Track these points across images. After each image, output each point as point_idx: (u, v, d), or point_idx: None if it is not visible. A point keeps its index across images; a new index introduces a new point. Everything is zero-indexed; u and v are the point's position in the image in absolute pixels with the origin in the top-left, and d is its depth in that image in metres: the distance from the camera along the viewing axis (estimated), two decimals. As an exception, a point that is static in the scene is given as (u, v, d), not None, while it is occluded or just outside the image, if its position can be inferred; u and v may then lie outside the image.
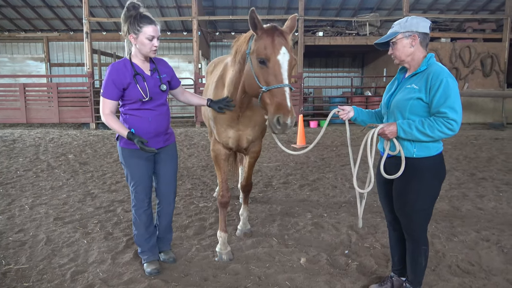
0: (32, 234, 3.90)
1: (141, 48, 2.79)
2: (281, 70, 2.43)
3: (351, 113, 2.66)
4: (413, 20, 2.35)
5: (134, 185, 3.02)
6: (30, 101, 13.45)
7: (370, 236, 3.83)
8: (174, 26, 17.58)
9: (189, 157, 8.13)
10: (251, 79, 2.53)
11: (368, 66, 18.54)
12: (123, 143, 2.95)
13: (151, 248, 3.16)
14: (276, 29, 2.51)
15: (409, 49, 2.36)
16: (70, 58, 17.95)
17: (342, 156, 8.15)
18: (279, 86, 2.39)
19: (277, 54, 2.43)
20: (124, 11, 2.76)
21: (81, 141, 10.40)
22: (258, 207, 4.76)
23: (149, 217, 3.13)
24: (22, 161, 7.71)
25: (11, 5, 15.58)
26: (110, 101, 2.81)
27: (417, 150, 2.35)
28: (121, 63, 2.85)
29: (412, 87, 2.33)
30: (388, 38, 2.39)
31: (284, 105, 2.36)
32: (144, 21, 2.72)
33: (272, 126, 2.40)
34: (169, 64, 3.15)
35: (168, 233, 3.37)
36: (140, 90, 2.81)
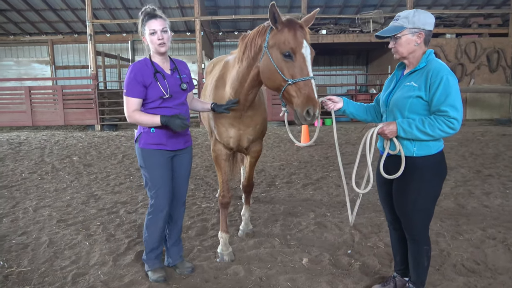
0: (35, 236, 3.91)
1: (151, 46, 2.78)
2: (306, 63, 2.43)
3: (339, 104, 2.60)
4: (420, 15, 2.26)
5: (154, 188, 2.89)
6: (35, 104, 13.55)
7: (373, 236, 3.79)
8: (178, 27, 17.61)
9: (193, 157, 8.09)
10: (272, 73, 2.51)
11: (372, 64, 18.42)
12: (143, 144, 2.87)
13: (157, 256, 3.05)
14: (296, 23, 2.50)
15: (413, 46, 2.29)
16: (74, 60, 18.07)
17: (346, 154, 8.09)
18: (306, 79, 2.39)
19: (302, 48, 2.43)
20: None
21: (86, 143, 10.45)
22: (261, 207, 4.74)
23: (165, 222, 3.00)
24: (27, 163, 7.76)
25: (16, 9, 15.72)
26: (134, 100, 2.76)
27: (417, 149, 2.31)
28: (142, 62, 2.85)
29: (412, 85, 2.28)
30: (393, 33, 2.29)
31: (313, 97, 2.36)
32: (148, 18, 2.73)
33: (300, 118, 2.40)
34: (184, 62, 3.13)
35: (177, 245, 3.20)
36: (160, 88, 2.78)
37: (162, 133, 2.85)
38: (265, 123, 3.41)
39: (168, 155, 2.92)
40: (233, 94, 3.01)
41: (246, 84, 2.88)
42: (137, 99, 2.77)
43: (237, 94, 2.98)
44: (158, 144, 2.86)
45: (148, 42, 2.79)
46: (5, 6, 15.44)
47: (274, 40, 2.51)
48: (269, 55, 2.53)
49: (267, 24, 2.63)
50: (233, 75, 2.97)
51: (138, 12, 2.87)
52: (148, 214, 2.98)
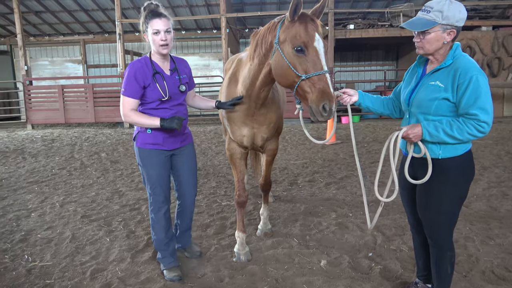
0: (59, 231, 4.02)
1: (152, 45, 2.72)
2: (320, 57, 2.35)
3: (354, 98, 2.51)
4: (455, 10, 2.03)
5: (152, 187, 2.93)
6: (68, 102, 14.03)
7: (397, 238, 3.64)
8: (204, 25, 17.71)
9: (217, 155, 8.13)
10: (284, 69, 2.43)
11: (403, 59, 17.83)
12: (140, 143, 2.88)
13: (172, 253, 3.05)
14: (306, 15, 2.42)
15: (442, 44, 2.10)
16: (105, 59, 18.55)
17: (373, 152, 7.86)
18: (320, 73, 2.31)
19: (314, 41, 2.35)
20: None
21: (114, 140, 10.71)
22: (281, 206, 4.66)
23: (168, 220, 3.02)
24: (58, 159, 8.03)
25: (50, 11, 16.31)
26: (131, 100, 2.71)
27: (443, 152, 2.17)
28: (141, 61, 2.77)
29: (437, 84, 2.11)
30: (423, 28, 2.06)
31: (328, 92, 2.28)
32: (151, 16, 2.64)
33: (316, 114, 2.31)
34: (189, 64, 3.09)
35: (187, 231, 3.35)
36: (159, 89, 2.74)
37: (159, 134, 2.85)
38: (280, 121, 3.33)
39: (165, 155, 2.93)
40: (244, 92, 2.95)
41: (258, 82, 2.82)
42: (134, 99, 2.73)
43: (248, 92, 2.92)
44: (154, 144, 2.87)
45: (149, 41, 2.71)
46: (40, 8, 16.06)
47: (285, 35, 2.43)
48: (280, 51, 2.46)
49: (278, 19, 2.56)
50: (245, 73, 2.91)
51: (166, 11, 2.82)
52: (150, 213, 3.01)
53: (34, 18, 16.89)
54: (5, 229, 4.13)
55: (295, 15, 2.40)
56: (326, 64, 2.37)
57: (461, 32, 2.20)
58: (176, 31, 18.10)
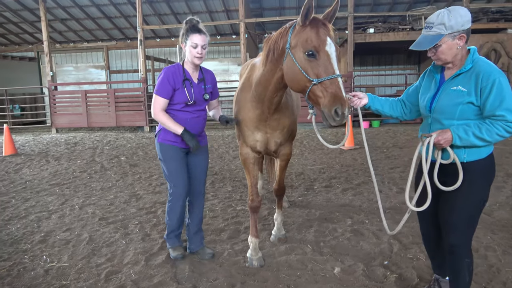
0: (77, 233, 4.11)
1: (188, 56, 3.06)
2: (331, 61, 2.34)
3: (364, 100, 2.53)
4: (457, 17, 2.07)
5: (173, 179, 3.24)
6: (91, 107, 14.40)
7: (414, 246, 3.54)
8: (223, 30, 17.89)
9: (234, 159, 8.16)
10: (296, 74, 2.43)
11: (425, 62, 17.48)
12: (161, 139, 3.21)
13: (177, 236, 3.44)
14: (318, 20, 2.42)
15: (456, 50, 2.13)
16: (127, 65, 18.98)
17: (392, 158, 7.72)
18: (332, 77, 2.30)
19: (325, 45, 2.34)
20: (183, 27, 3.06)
21: (134, 144, 10.90)
22: (296, 211, 4.63)
23: (182, 210, 3.37)
24: (79, 162, 8.23)
25: (75, 18, 16.84)
26: (162, 100, 3.05)
27: (468, 155, 2.19)
28: (175, 66, 3.12)
29: (459, 89, 2.14)
30: (432, 44, 2.11)
31: (340, 96, 2.26)
32: (192, 31, 2.98)
33: (329, 118, 2.30)
34: (215, 76, 3.42)
35: (199, 233, 3.52)
36: (186, 94, 3.08)
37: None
38: (294, 125, 3.31)
39: (182, 151, 3.25)
40: (257, 97, 2.97)
41: (271, 87, 2.83)
42: (165, 99, 3.05)
43: (261, 97, 2.94)
44: (173, 141, 3.18)
45: (186, 51, 3.04)
46: (66, 16, 16.60)
47: (296, 40, 2.43)
48: (292, 56, 2.45)
49: (289, 24, 2.56)
50: (258, 78, 2.92)
51: (185, 17, 3.14)
52: (168, 202, 3.35)
53: (60, 25, 17.48)
54: (26, 230, 4.25)
55: (306, 20, 2.39)
56: (338, 68, 2.35)
57: (486, 35, 2.23)
58: (196, 37, 18.34)
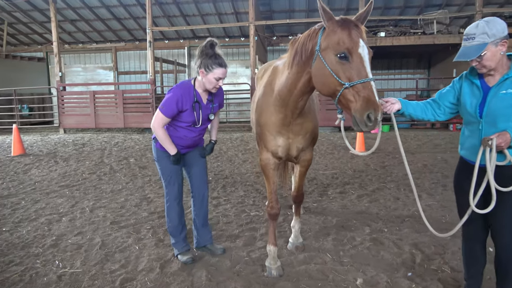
0: (89, 237, 4.02)
1: (206, 83, 3.05)
2: (364, 64, 2.24)
3: (397, 106, 2.49)
4: (496, 24, 2.18)
5: (167, 181, 3.37)
6: (99, 108, 14.38)
7: (437, 257, 3.42)
8: (232, 32, 17.85)
9: (243, 163, 8.06)
10: (327, 77, 2.34)
11: (435, 67, 17.33)
12: (160, 145, 3.27)
13: (184, 239, 3.47)
14: (350, 21, 2.32)
15: (500, 55, 2.20)
16: (135, 66, 18.99)
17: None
18: (365, 81, 2.20)
19: (358, 47, 2.24)
20: (202, 46, 3.00)
21: (143, 145, 10.84)
22: (312, 218, 4.51)
23: (181, 208, 3.46)
24: (88, 164, 8.18)
25: (85, 19, 16.89)
26: (165, 118, 3.08)
27: None
28: (186, 87, 3.13)
29: (510, 92, 2.20)
30: (478, 53, 2.16)
31: (373, 100, 2.16)
32: (217, 64, 2.97)
33: (360, 123, 2.21)
34: (223, 90, 3.42)
35: (206, 226, 3.61)
36: (195, 117, 3.15)
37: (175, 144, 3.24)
38: (316, 130, 3.21)
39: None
40: (281, 101, 2.87)
41: (296, 91, 2.73)
42: (168, 118, 3.10)
43: (285, 101, 2.84)
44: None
45: (204, 78, 3.03)
46: (76, 17, 16.65)
47: (327, 42, 2.32)
48: (322, 58, 2.35)
49: (318, 26, 2.46)
50: (282, 82, 2.82)
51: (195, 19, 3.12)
52: (166, 203, 3.43)
53: (69, 26, 17.54)
54: (37, 233, 4.17)
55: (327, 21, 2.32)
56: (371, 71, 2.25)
57: None
58: (205, 39, 18.31)
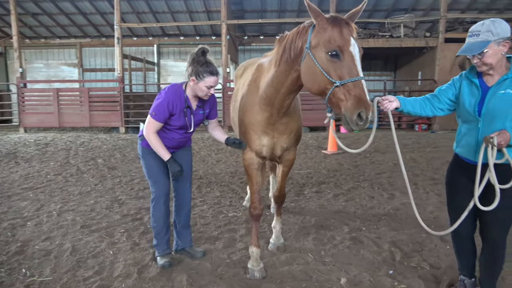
0: (58, 242, 3.78)
1: (197, 91, 2.99)
2: (355, 62, 2.20)
3: (395, 103, 2.51)
4: (501, 25, 2.25)
5: (153, 180, 3.25)
6: (63, 106, 13.75)
7: (416, 254, 3.47)
8: (203, 31, 17.63)
9: (217, 163, 7.94)
10: (317, 75, 2.29)
11: (401, 69, 17.90)
12: (146, 144, 3.16)
13: (166, 242, 3.35)
14: (341, 19, 2.29)
15: (500, 55, 2.27)
16: (102, 63, 18.33)
17: (376, 163, 7.73)
18: (356, 79, 2.16)
19: (349, 45, 2.20)
20: (193, 54, 2.94)
21: (111, 145, 10.46)
22: (291, 218, 4.48)
23: (167, 209, 3.32)
24: (53, 165, 7.77)
25: (47, 13, 16.10)
26: (158, 124, 3.01)
27: None
28: (177, 91, 3.05)
29: (509, 92, 2.26)
30: (481, 49, 2.24)
31: (364, 99, 2.13)
32: (208, 72, 2.90)
33: (351, 123, 2.16)
34: (215, 98, 3.34)
35: (187, 228, 3.49)
36: (187, 123, 3.10)
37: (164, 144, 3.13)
38: (300, 130, 3.18)
39: None
40: (267, 99, 2.80)
41: (283, 89, 2.67)
42: (160, 124, 3.03)
43: (271, 100, 2.77)
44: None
45: (196, 86, 2.96)
46: (37, 10, 15.83)
47: (318, 39, 2.28)
48: (312, 56, 2.31)
49: (308, 23, 2.41)
50: (268, 80, 2.75)
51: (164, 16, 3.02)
52: (151, 202, 3.30)
53: (30, 20, 16.65)
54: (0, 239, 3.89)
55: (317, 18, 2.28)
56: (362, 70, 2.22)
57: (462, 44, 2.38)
58: (175, 37, 17.99)
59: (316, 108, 12.99)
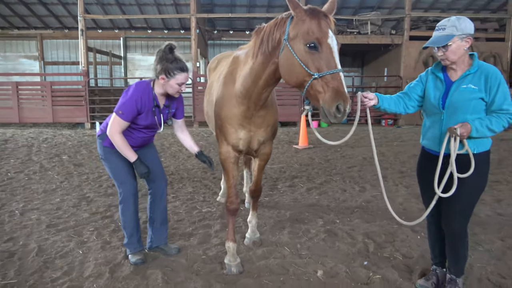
0: (22, 243, 3.58)
1: (168, 89, 2.91)
2: (333, 54, 2.20)
3: (374, 101, 2.58)
4: (466, 22, 2.38)
5: (119, 181, 3.12)
6: (23, 100, 13.08)
7: (388, 245, 3.56)
8: (172, 24, 17.27)
9: (188, 158, 7.82)
10: (295, 67, 2.27)
11: (367, 66, 18.34)
12: (108, 143, 3.03)
13: (138, 240, 3.23)
14: (319, 11, 2.27)
15: (463, 51, 2.39)
16: (64, 56, 17.59)
17: (347, 157, 7.88)
18: (334, 71, 2.16)
19: (327, 38, 2.20)
20: (161, 51, 2.86)
21: (76, 142, 10.06)
22: (266, 212, 4.47)
23: (136, 208, 3.21)
24: (13, 162, 7.37)
25: (4, 2, 15.21)
26: (124, 123, 2.88)
27: (477, 147, 2.44)
28: (145, 89, 2.93)
29: (470, 87, 2.39)
30: (445, 42, 2.36)
31: (342, 91, 2.14)
32: (178, 69, 2.83)
33: (329, 115, 2.17)
34: (182, 97, 3.26)
35: (164, 225, 3.40)
36: (156, 122, 3.02)
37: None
38: (277, 123, 3.17)
39: None
40: (244, 92, 2.76)
41: (261, 82, 2.64)
42: (127, 123, 2.90)
43: (248, 93, 2.73)
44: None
45: (166, 84, 2.88)
46: (-7, -1, 14.94)
47: (296, 31, 2.26)
48: (290, 48, 2.28)
49: (286, 15, 2.39)
50: (245, 72, 2.71)
51: (131, 8, 2.94)
52: (120, 203, 3.16)
53: (-15, 9, 15.69)
54: (-44, 241, 3.63)
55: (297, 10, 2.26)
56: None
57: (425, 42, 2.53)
58: (142, 30, 17.51)
59: (287, 104, 13.09)
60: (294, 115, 13.31)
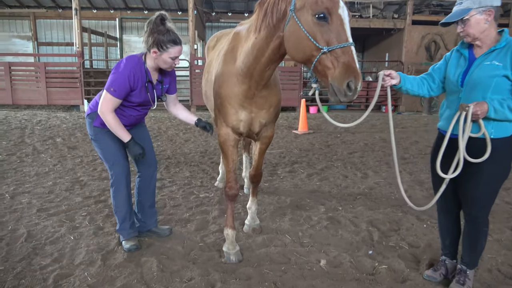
0: (11, 228, 3.42)
1: (161, 63, 2.74)
2: (344, 27, 1.99)
3: (395, 81, 2.41)
4: None
5: (111, 163, 2.95)
6: (16, 81, 12.76)
7: (393, 234, 3.42)
8: (169, 5, 16.83)
9: (186, 142, 7.64)
10: (302, 40, 2.07)
11: (369, 51, 18.04)
12: (99, 123, 2.87)
13: (131, 225, 3.09)
14: None
15: (484, 25, 2.19)
16: (59, 37, 17.15)
17: (347, 143, 7.72)
18: (346, 45, 1.96)
19: (338, 8, 1.99)
20: (151, 22, 2.65)
21: (70, 124, 9.84)
22: (265, 198, 4.32)
23: (129, 192, 3.05)
24: (5, 144, 7.16)
25: (-5, -21, 14.71)
26: (116, 100, 2.70)
27: (495, 131, 2.23)
28: (137, 63, 2.75)
29: (494, 63, 2.19)
30: (460, 16, 2.19)
31: (354, 67, 1.95)
32: (171, 42, 2.65)
33: (339, 93, 1.98)
34: (175, 72, 3.08)
35: (152, 208, 3.29)
36: (149, 99, 2.85)
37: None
38: (280, 104, 2.98)
39: None
40: (245, 70, 2.56)
41: (264, 58, 2.44)
42: (120, 100, 2.73)
43: (250, 70, 2.54)
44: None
45: (158, 58, 2.70)
46: (-16, -25, 14.44)
47: (303, 1, 2.06)
48: (296, 19, 2.08)
49: None
50: (247, 48, 2.51)
51: None
52: (111, 186, 3.00)
53: (-25, -14, 15.19)
54: None
55: None
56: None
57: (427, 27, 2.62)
58: (138, 11, 17.07)
59: (286, 88, 12.84)
60: (294, 100, 13.07)
